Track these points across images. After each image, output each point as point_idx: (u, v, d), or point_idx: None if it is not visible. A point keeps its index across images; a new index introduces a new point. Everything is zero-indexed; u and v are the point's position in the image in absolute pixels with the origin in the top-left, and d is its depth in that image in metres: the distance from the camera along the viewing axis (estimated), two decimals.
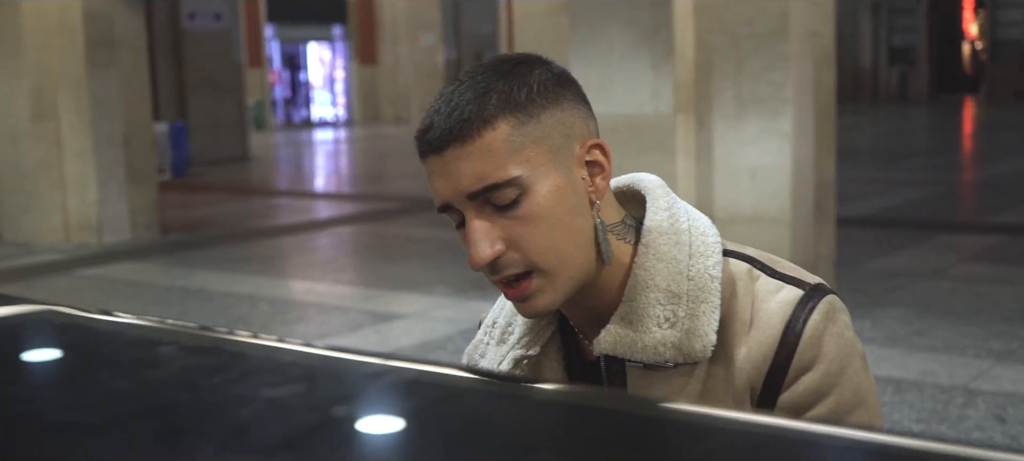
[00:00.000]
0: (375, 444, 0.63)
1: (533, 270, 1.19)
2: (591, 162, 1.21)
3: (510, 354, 1.34)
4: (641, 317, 1.22)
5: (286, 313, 6.68)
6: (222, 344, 0.89)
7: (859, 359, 1.22)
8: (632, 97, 6.32)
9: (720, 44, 6.22)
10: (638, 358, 1.22)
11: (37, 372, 0.83)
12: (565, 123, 1.19)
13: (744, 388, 1.21)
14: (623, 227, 1.25)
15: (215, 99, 17.96)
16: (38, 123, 9.56)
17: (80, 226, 9.60)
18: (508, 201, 1.16)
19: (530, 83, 1.18)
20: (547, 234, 1.17)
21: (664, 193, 1.28)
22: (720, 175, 6.32)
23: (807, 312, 1.19)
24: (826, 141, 6.56)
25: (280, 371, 0.77)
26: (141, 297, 7.40)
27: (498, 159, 1.15)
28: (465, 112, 1.15)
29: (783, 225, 6.15)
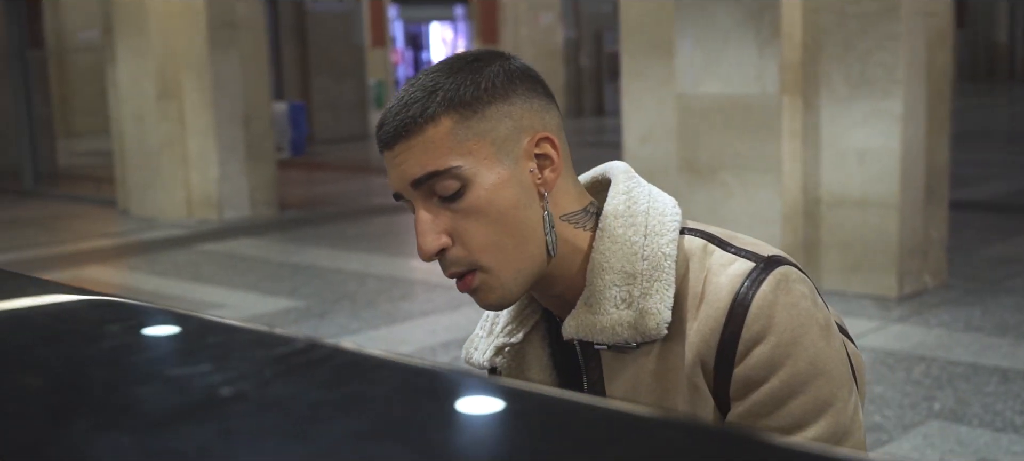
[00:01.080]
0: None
1: (476, 268, 1.22)
2: (541, 155, 1.23)
3: (494, 342, 1.37)
4: (599, 300, 1.23)
5: (392, 290, 6.81)
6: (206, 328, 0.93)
7: (817, 328, 1.19)
8: (737, 77, 6.25)
9: (828, 24, 6.11)
10: (600, 340, 1.24)
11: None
12: (512, 117, 1.21)
13: (694, 362, 1.21)
14: (583, 215, 1.27)
15: (336, 79, 18.32)
16: (163, 102, 9.91)
17: (202, 202, 9.93)
18: (451, 192, 1.20)
19: (478, 80, 1.21)
20: (490, 228, 1.21)
21: (626, 178, 1.29)
22: (827, 157, 6.21)
23: (756, 284, 1.19)
24: (939, 123, 6.38)
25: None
26: (255, 272, 7.63)
27: (440, 151, 1.19)
28: (411, 110, 1.19)
29: (891, 209, 6.02)
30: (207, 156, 9.86)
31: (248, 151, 9.96)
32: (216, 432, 0.63)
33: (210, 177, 9.87)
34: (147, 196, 10.17)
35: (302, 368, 0.74)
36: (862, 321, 5.60)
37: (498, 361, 1.36)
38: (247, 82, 9.93)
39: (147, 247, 8.91)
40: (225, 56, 9.77)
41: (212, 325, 0.88)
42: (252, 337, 0.85)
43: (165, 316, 0.94)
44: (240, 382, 0.71)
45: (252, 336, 0.85)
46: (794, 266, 1.23)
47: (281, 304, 6.57)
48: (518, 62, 1.26)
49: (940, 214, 6.46)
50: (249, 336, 0.85)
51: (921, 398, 4.47)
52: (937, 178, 6.42)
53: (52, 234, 9.72)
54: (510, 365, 1.37)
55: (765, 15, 6.10)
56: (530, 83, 1.25)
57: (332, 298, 6.64)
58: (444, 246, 1.21)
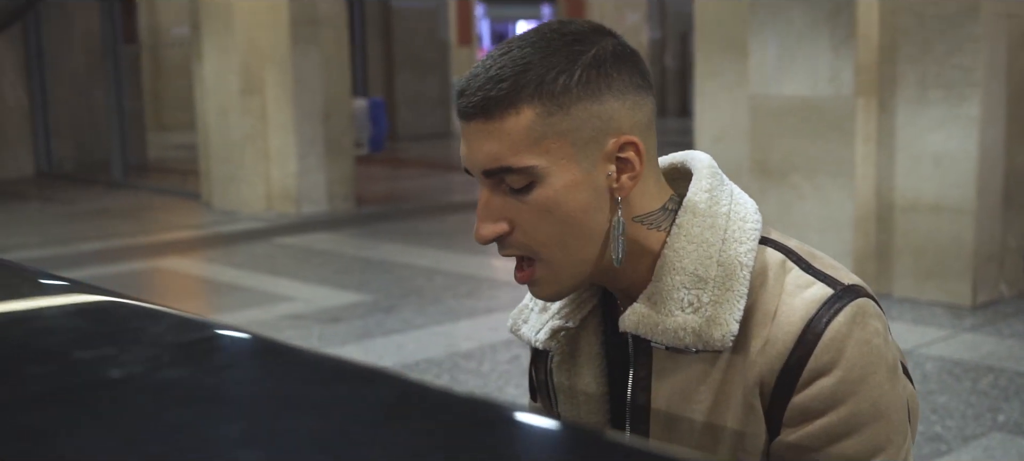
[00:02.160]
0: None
1: (535, 258, 1.18)
2: (622, 159, 1.17)
3: (549, 323, 1.32)
4: (665, 299, 1.18)
5: (458, 287, 6.85)
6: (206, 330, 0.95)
7: (886, 369, 1.15)
8: (811, 78, 6.16)
9: (905, 25, 5.98)
10: (659, 340, 1.19)
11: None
12: (600, 117, 1.14)
13: (755, 383, 1.16)
14: (661, 215, 1.22)
15: (420, 76, 18.46)
16: (246, 97, 10.08)
17: (281, 196, 10.09)
18: (521, 186, 1.15)
19: (573, 70, 1.13)
20: (553, 227, 1.16)
21: (710, 173, 1.24)
22: (902, 161, 6.09)
23: (832, 313, 1.14)
24: (1020, 127, 6.20)
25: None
26: (328, 266, 7.73)
27: (516, 145, 1.13)
28: (494, 90, 1.13)
29: (967, 214, 5.88)
30: (287, 151, 10.01)
31: (327, 147, 10.09)
32: (84, 414, 0.65)
33: (289, 172, 10.02)
34: (229, 189, 10.36)
35: (200, 354, 0.76)
36: (933, 329, 5.48)
37: (552, 345, 1.32)
38: (328, 78, 10.06)
39: (226, 239, 9.08)
40: (306, 53, 9.91)
41: (144, 311, 0.90)
42: (176, 323, 0.87)
43: (110, 304, 0.96)
44: (133, 366, 0.72)
45: (178, 322, 0.87)
46: (871, 299, 1.18)
47: (349, 298, 6.64)
48: (619, 43, 1.18)
49: (1019, 221, 6.29)
50: (175, 322, 0.87)
51: (985, 409, 4.36)
52: (1017, 184, 6.25)
53: (136, 225, 9.97)
54: (562, 350, 1.33)
55: (841, 15, 6.00)
56: (627, 74, 1.17)
57: (400, 293, 6.70)
58: (501, 233, 1.17)
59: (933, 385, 4.65)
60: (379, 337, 5.74)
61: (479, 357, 5.31)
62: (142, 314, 0.89)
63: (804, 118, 6.24)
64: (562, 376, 1.34)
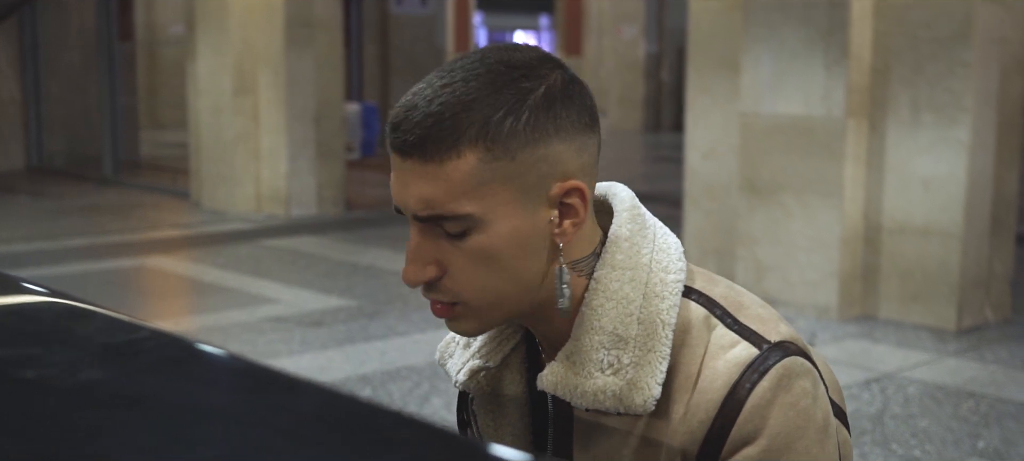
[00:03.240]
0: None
1: (459, 302, 1.12)
2: (566, 204, 1.10)
3: (469, 363, 1.26)
4: (584, 360, 1.12)
5: None
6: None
7: (814, 431, 1.09)
8: (802, 97, 6.16)
9: (898, 47, 5.98)
10: (578, 403, 1.12)
11: None
12: (546, 160, 1.07)
13: (677, 451, 1.11)
14: (592, 259, 1.15)
15: (415, 82, 18.40)
16: (239, 98, 10.06)
17: (271, 198, 10.06)
18: (456, 231, 1.08)
19: (520, 111, 1.06)
20: (487, 273, 1.09)
21: (630, 218, 1.16)
22: (891, 183, 6.08)
23: (756, 377, 1.08)
24: (1010, 153, 6.20)
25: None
26: (314, 269, 7.70)
27: (455, 191, 1.05)
28: (435, 128, 1.05)
29: (955, 239, 5.87)
30: (278, 152, 9.99)
31: (318, 149, 10.07)
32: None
33: (279, 173, 10.00)
34: (219, 189, 10.33)
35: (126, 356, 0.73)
36: (917, 353, 5.47)
37: (471, 385, 1.25)
38: (321, 81, 10.04)
39: (213, 239, 9.05)
40: (300, 55, 9.89)
41: (78, 311, 0.88)
42: (107, 324, 0.84)
43: (45, 304, 0.94)
44: (50, 368, 0.70)
45: (110, 323, 0.85)
46: (800, 354, 1.12)
47: (334, 302, 6.62)
48: (568, 76, 1.10)
49: (1006, 247, 6.28)
50: (106, 323, 0.85)
51: (965, 435, 4.34)
52: (1005, 210, 6.25)
53: (124, 222, 9.93)
54: (483, 391, 1.26)
55: (835, 35, 6.00)
56: (576, 112, 1.10)
57: (385, 299, 6.68)
58: (432, 278, 1.10)
59: (914, 409, 4.64)
60: (361, 343, 5.71)
61: None
62: (75, 314, 0.87)
63: (794, 137, 6.23)
64: (486, 417, 1.28)
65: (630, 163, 14.96)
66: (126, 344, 0.77)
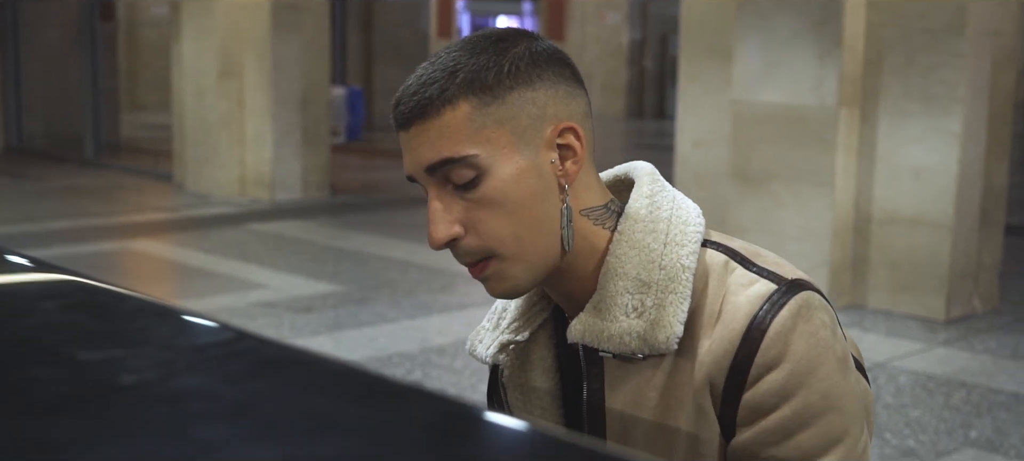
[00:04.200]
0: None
1: (491, 255, 1.17)
2: (563, 145, 1.17)
3: (498, 339, 1.32)
4: (609, 306, 1.18)
5: (432, 281, 6.80)
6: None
7: (834, 360, 1.14)
8: (795, 86, 6.15)
9: (891, 37, 5.98)
10: (606, 347, 1.18)
11: None
12: (536, 104, 1.16)
13: (703, 383, 1.16)
14: (604, 212, 1.22)
15: (399, 67, 18.35)
16: (224, 81, 9.99)
17: (255, 182, 10.00)
18: (466, 181, 1.14)
19: (502, 63, 1.15)
20: (505, 219, 1.15)
21: (651, 180, 1.24)
22: (881, 173, 6.09)
23: (776, 308, 1.13)
24: (1000, 145, 6.22)
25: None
26: (301, 254, 7.66)
27: (456, 137, 1.13)
28: (428, 91, 1.14)
29: (944, 229, 5.89)
30: (263, 136, 9.93)
31: (304, 134, 10.01)
32: (98, 424, 0.60)
33: (264, 157, 9.93)
34: (203, 172, 10.26)
35: (218, 360, 0.71)
36: (906, 343, 5.49)
37: (501, 358, 1.31)
38: (307, 65, 9.98)
39: (198, 223, 8.99)
40: (286, 39, 9.83)
41: (150, 307, 0.85)
42: (182, 324, 0.82)
43: (109, 296, 0.91)
44: (146, 372, 0.67)
45: (184, 323, 0.82)
46: (817, 292, 1.18)
47: (322, 288, 6.58)
48: (545, 44, 1.20)
49: (995, 238, 6.31)
50: (182, 323, 0.82)
51: (958, 425, 4.36)
52: (994, 201, 6.27)
53: (107, 204, 9.85)
54: (513, 364, 1.32)
55: (828, 25, 5.99)
56: (557, 67, 1.19)
57: (373, 285, 6.65)
58: (455, 235, 1.16)
59: (907, 399, 4.65)
60: (351, 329, 5.68)
61: (453, 353, 5.27)
62: (149, 311, 0.84)
63: (786, 126, 6.22)
64: (515, 392, 1.33)
65: (612, 150, 14.92)
66: (213, 345, 0.74)
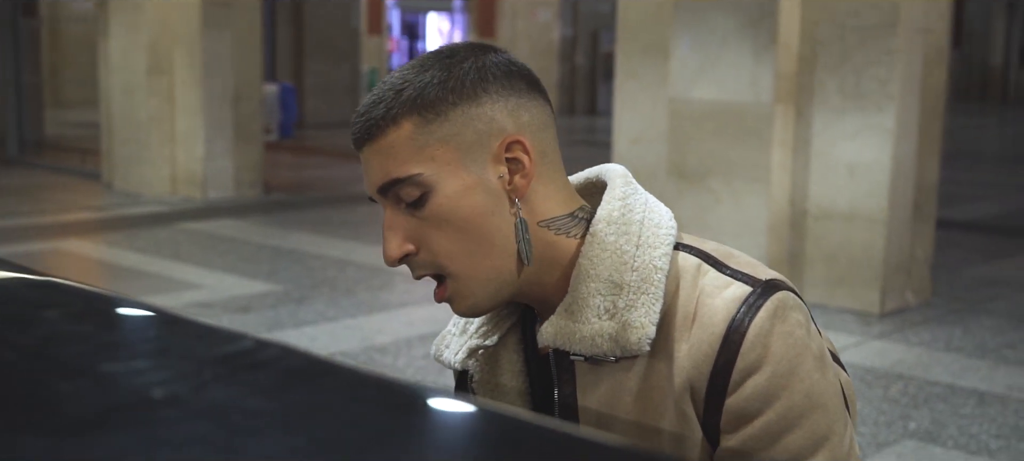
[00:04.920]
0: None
1: (444, 274, 1.18)
2: (511, 159, 1.17)
3: (467, 344, 1.31)
4: (581, 307, 1.18)
5: (371, 279, 6.75)
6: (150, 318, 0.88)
7: (813, 359, 1.14)
8: (732, 84, 6.21)
9: (825, 35, 6.06)
10: (577, 350, 1.18)
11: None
12: (480, 119, 1.15)
13: (683, 388, 1.15)
14: (570, 220, 1.21)
15: (330, 63, 18.23)
16: (153, 77, 9.82)
17: (186, 180, 9.84)
18: (413, 199, 1.16)
19: (446, 80, 1.15)
20: (454, 237, 1.16)
21: (623, 183, 1.24)
22: (817, 169, 6.17)
23: (753, 310, 1.13)
24: (931, 141, 6.34)
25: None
26: (235, 253, 7.56)
27: (401, 157, 1.15)
28: (375, 111, 1.16)
29: (879, 224, 5.98)
30: (194, 134, 9.77)
31: (236, 131, 9.88)
32: (138, 440, 0.57)
33: (196, 155, 9.78)
34: (132, 171, 10.08)
35: (245, 370, 0.68)
36: (842, 336, 5.57)
37: (470, 364, 1.30)
38: (239, 62, 9.85)
39: (129, 222, 8.83)
40: (218, 35, 9.68)
41: (158, 316, 0.82)
42: (197, 332, 0.79)
43: (109, 302, 0.88)
44: (175, 384, 0.65)
45: (198, 330, 0.79)
46: (791, 291, 1.17)
47: (259, 287, 6.50)
48: (499, 57, 1.19)
49: (927, 232, 6.43)
50: (195, 330, 0.79)
51: (897, 417, 4.43)
52: (925, 195, 6.39)
53: (33, 204, 9.63)
54: (482, 369, 1.31)
55: (763, 23, 6.05)
56: (506, 80, 1.18)
57: (311, 284, 6.58)
58: (407, 252, 1.18)
59: None
60: (290, 329, 5.62)
61: (395, 352, 5.23)
62: (157, 320, 0.81)
63: (723, 123, 6.28)
64: (486, 396, 1.32)
65: None
66: (235, 355, 0.71)
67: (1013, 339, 5.61)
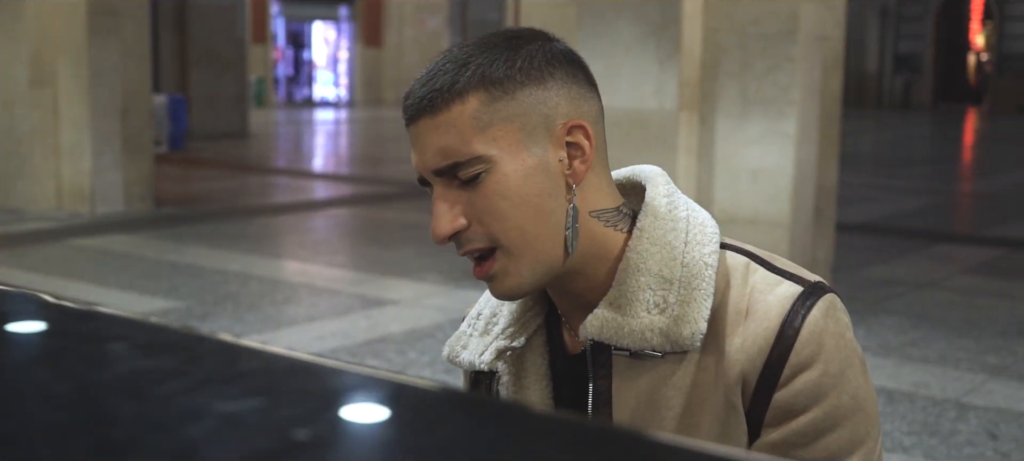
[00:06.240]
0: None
1: (496, 247, 1.16)
2: (571, 143, 1.16)
3: (493, 345, 1.29)
4: (630, 301, 1.17)
5: (275, 293, 6.61)
6: (182, 342, 0.82)
7: (859, 363, 1.16)
8: (636, 91, 6.25)
9: (727, 43, 6.15)
10: (624, 344, 1.17)
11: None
12: (546, 102, 1.15)
13: (736, 381, 1.15)
14: (616, 214, 1.21)
15: (216, 74, 17.85)
16: (36, 89, 9.46)
17: (73, 195, 9.52)
18: (472, 176, 1.14)
19: (514, 59, 1.14)
20: (511, 212, 1.14)
21: (665, 181, 1.25)
22: (721, 174, 6.25)
23: (806, 309, 1.14)
24: (829, 146, 6.49)
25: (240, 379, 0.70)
26: (131, 270, 7.33)
27: (464, 135, 1.12)
28: (438, 82, 1.13)
29: (782, 228, 6.09)
30: (81, 147, 9.45)
31: (124, 144, 9.58)
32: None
33: (83, 169, 9.46)
34: (14, 186, 9.69)
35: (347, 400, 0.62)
36: None
37: (499, 365, 1.28)
38: (126, 72, 9.56)
39: (14, 240, 8.49)
40: (104, 45, 9.39)
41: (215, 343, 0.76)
42: (300, 368, 0.73)
43: (172, 335, 0.81)
44: (316, 424, 0.59)
45: (268, 361, 0.73)
46: (837, 294, 1.18)
47: (160, 304, 6.30)
48: (561, 44, 1.19)
49: (827, 234, 6.57)
50: (265, 360, 0.73)
51: None
52: (825, 199, 6.53)
53: None
54: (509, 371, 1.29)
55: (667, 30, 6.11)
56: (571, 67, 1.18)
57: (213, 300, 6.41)
58: (459, 229, 1.15)
59: None
60: None
61: None
62: (229, 350, 0.75)
63: (628, 130, 6.32)
64: (511, 397, 1.31)
65: None
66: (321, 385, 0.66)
67: (914, 337, 5.77)
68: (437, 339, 5.54)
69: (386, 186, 12.31)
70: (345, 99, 29.94)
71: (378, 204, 10.93)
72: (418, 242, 8.34)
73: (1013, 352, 5.57)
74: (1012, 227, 10.20)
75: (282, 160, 16.27)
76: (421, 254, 7.82)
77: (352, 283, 6.97)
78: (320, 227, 9.90)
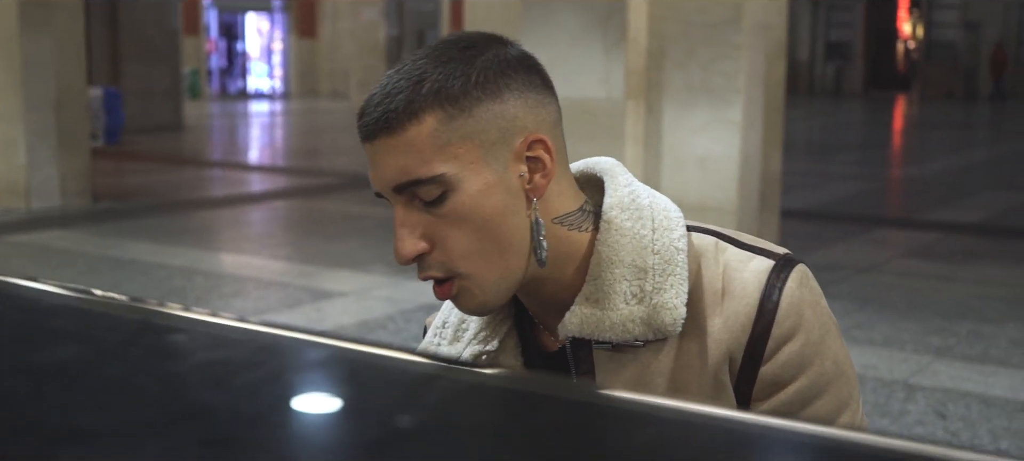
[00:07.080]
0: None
1: (455, 275, 1.15)
2: (532, 158, 1.15)
3: (467, 350, 1.28)
4: (607, 294, 1.17)
5: (222, 287, 6.54)
6: (162, 319, 0.81)
7: (835, 328, 1.19)
8: (583, 81, 6.28)
9: (672, 32, 6.20)
10: (606, 337, 1.17)
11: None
12: (504, 117, 1.13)
13: (722, 359, 1.17)
14: (580, 215, 1.21)
15: (149, 66, 17.58)
16: None
17: (7, 190, 9.32)
18: (433, 197, 1.12)
19: (469, 73, 1.12)
20: (471, 236, 1.14)
21: (622, 172, 1.24)
22: (668, 163, 6.31)
23: (781, 281, 1.15)
24: (774, 133, 6.57)
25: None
26: (71, 266, 7.20)
27: (422, 155, 1.11)
28: (393, 102, 1.11)
29: (729, 215, 6.15)
30: (15, 142, 9.26)
31: (59, 138, 9.41)
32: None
33: (17, 164, 9.27)
34: None
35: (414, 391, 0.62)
36: None
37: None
38: (61, 65, 9.38)
39: None
40: (37, 37, 9.20)
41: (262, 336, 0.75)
42: (316, 351, 0.72)
43: (221, 329, 0.79)
44: (379, 420, 0.59)
45: (320, 350, 0.72)
46: (805, 264, 1.20)
47: None
48: (515, 50, 1.17)
49: (773, 221, 6.66)
50: (316, 349, 0.72)
51: None
52: (770, 186, 6.61)
53: None
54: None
55: (612, 19, 6.14)
56: (527, 74, 1.16)
57: (159, 295, 6.32)
58: (422, 251, 1.14)
59: None
60: None
61: None
62: (270, 342, 0.74)
63: (575, 119, 6.33)
64: None
65: None
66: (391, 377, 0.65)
67: (860, 320, 5.86)
68: (389, 330, 5.52)
69: (325, 177, 12.22)
70: (280, 91, 29.68)
71: (318, 196, 10.85)
72: (362, 234, 8.29)
73: (955, 333, 5.68)
74: (946, 211, 10.41)
75: (219, 153, 16.07)
76: (366, 245, 7.78)
77: (299, 276, 6.91)
78: (262, 220, 9.81)
